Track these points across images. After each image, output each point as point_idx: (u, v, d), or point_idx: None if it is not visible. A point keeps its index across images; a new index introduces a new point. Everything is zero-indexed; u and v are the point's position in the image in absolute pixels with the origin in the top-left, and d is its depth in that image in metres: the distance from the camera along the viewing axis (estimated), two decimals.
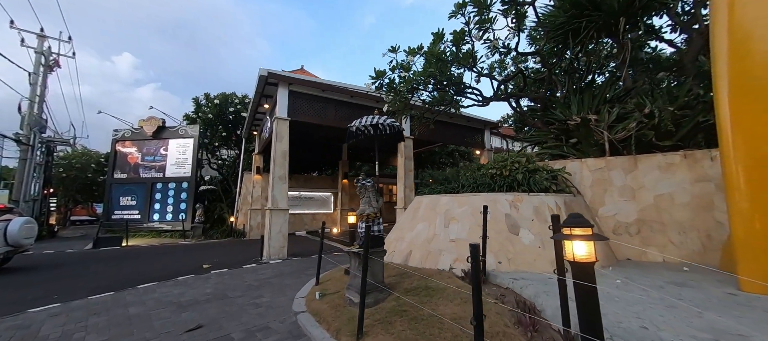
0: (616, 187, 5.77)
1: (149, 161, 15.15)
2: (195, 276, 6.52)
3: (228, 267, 7.37)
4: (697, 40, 5.63)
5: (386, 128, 4.28)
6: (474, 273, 1.94)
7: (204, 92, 16.23)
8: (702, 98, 5.32)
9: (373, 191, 4.15)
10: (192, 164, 14.88)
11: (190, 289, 5.52)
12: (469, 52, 6.74)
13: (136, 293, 5.39)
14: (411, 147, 11.44)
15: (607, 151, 6.01)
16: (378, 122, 4.24)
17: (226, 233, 14.21)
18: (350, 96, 10.02)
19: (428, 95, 7.85)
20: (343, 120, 10.00)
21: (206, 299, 4.92)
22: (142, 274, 7.05)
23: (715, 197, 5.01)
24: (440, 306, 3.46)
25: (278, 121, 8.75)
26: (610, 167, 5.85)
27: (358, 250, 3.95)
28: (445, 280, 4.41)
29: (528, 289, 3.72)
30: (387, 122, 4.24)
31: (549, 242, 4.80)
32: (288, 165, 8.86)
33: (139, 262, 8.62)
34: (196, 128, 15.10)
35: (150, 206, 14.71)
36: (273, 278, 6.16)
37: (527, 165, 5.82)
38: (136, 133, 15.28)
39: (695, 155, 5.21)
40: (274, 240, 8.28)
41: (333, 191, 17.51)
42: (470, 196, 5.44)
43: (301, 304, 4.41)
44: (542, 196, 5.25)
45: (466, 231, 5.07)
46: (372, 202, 4.12)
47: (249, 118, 12.44)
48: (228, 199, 16.01)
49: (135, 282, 6.15)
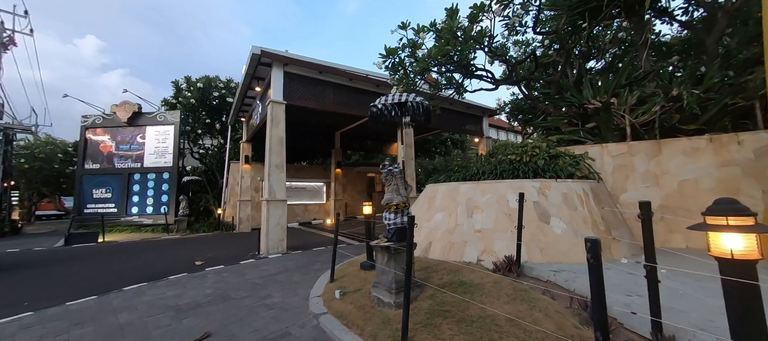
0: (638, 173, 5.60)
1: (125, 150, 13.96)
2: (189, 275, 5.91)
3: (224, 264, 6.78)
4: (722, 21, 5.44)
5: (418, 107, 3.81)
6: (595, 275, 1.56)
7: (185, 76, 15.03)
8: (730, 80, 5.17)
9: (400, 178, 3.71)
10: (173, 153, 13.84)
11: (186, 290, 4.93)
12: (483, 30, 6.32)
13: (123, 296, 4.76)
14: (411, 134, 11.02)
15: (629, 135, 5.82)
16: (407, 100, 3.76)
17: (213, 226, 13.40)
18: (349, 79, 9.41)
19: (438, 77, 7.41)
20: (341, 105, 9.42)
21: (208, 301, 4.38)
22: (126, 274, 6.35)
23: (741, 183, 4.91)
24: (487, 305, 3.11)
25: (273, 104, 8.07)
26: (632, 153, 5.67)
27: (388, 244, 3.53)
28: (476, 274, 4.08)
29: (575, 283, 3.43)
30: (416, 99, 3.78)
31: (583, 232, 4.57)
32: (285, 153, 8.23)
33: (121, 260, 7.84)
34: (177, 114, 13.99)
35: (128, 199, 13.62)
36: (278, 275, 5.66)
37: (548, 150, 5.54)
38: (108, 119, 14.00)
39: (721, 139, 5.08)
40: (273, 233, 7.72)
41: (325, 181, 16.90)
42: (493, 183, 5.10)
43: (320, 304, 3.96)
44: (570, 182, 4.99)
45: (493, 221, 4.75)
46: (400, 190, 3.69)
47: (237, 102, 11.57)
48: (214, 190, 15.10)
49: (120, 283, 5.48)
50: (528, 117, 16.07)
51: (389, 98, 3.78)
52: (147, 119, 14.06)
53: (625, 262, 4.25)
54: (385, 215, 3.73)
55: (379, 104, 3.85)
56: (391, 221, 3.62)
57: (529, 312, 2.85)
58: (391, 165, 3.77)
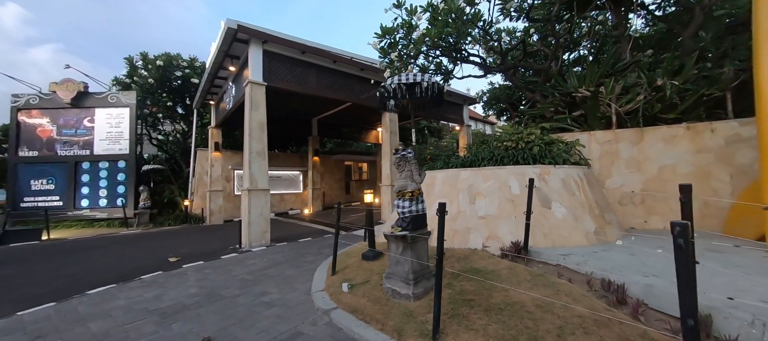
0: (623, 159, 5.90)
1: (69, 136, 12.27)
2: (165, 273, 5.31)
3: (203, 259, 6.20)
4: (698, 16, 5.79)
5: (433, 88, 3.59)
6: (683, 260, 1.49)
7: (141, 52, 13.38)
8: (706, 71, 5.54)
9: (415, 164, 3.51)
10: (130, 139, 12.41)
11: (166, 290, 4.40)
12: (478, 13, 6.20)
13: (90, 301, 4.13)
14: (396, 121, 10.81)
15: (614, 124, 6.10)
16: (421, 81, 3.53)
17: (180, 219, 12.34)
18: (333, 61, 8.91)
19: (424, 62, 7.22)
20: (325, 89, 8.93)
21: (195, 302, 3.93)
22: (86, 275, 5.58)
23: (712, 167, 5.34)
24: (509, 292, 3.06)
25: (252, 86, 7.41)
26: (618, 140, 5.94)
27: (404, 233, 3.34)
28: (486, 260, 4.05)
29: (587, 265, 3.50)
30: (431, 80, 3.56)
31: (581, 216, 4.71)
32: (266, 138, 7.65)
33: (76, 260, 6.89)
34: (133, 95, 12.49)
35: (76, 191, 12.05)
36: (268, 269, 5.27)
37: (543, 138, 5.63)
38: (46, 99, 12.15)
39: (697, 127, 5.46)
40: (255, 225, 7.21)
41: (302, 170, 16.24)
42: (495, 169, 5.09)
43: (326, 299, 3.71)
44: (567, 168, 5.11)
45: (496, 207, 4.74)
46: (415, 176, 3.49)
47: (205, 83, 10.53)
48: (179, 180, 13.86)
49: (82, 287, 4.78)
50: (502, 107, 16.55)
51: (403, 78, 3.52)
52: (96, 100, 12.40)
53: (620, 244, 4.46)
54: (398, 203, 3.52)
55: (391, 84, 3.58)
56: (406, 209, 3.43)
57: (555, 297, 2.84)
58: (404, 150, 3.55)
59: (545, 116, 7.42)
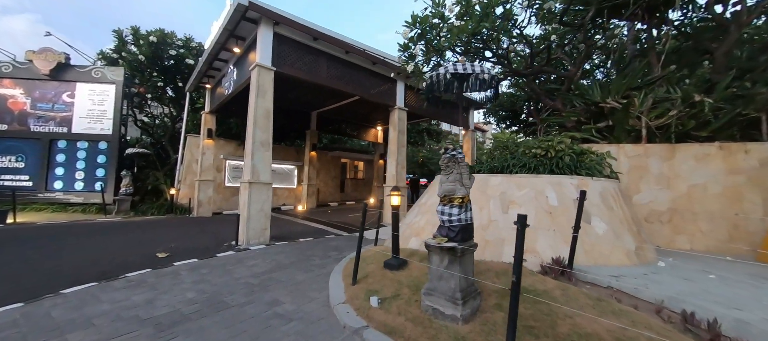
0: (652, 174, 5.68)
1: (45, 110, 11.20)
2: (154, 272, 4.68)
3: (196, 256, 5.58)
4: (733, 33, 5.65)
5: (491, 81, 3.18)
6: None
7: (130, 26, 12.39)
8: (744, 90, 5.38)
9: (466, 166, 3.09)
10: (114, 119, 11.45)
11: (158, 293, 3.80)
12: (509, 11, 5.87)
13: (66, 303, 3.49)
14: (405, 119, 10.39)
15: (644, 137, 5.88)
16: (473, 72, 3.11)
17: (164, 208, 11.47)
18: (345, 52, 8.41)
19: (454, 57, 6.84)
20: (334, 80, 8.41)
21: (196, 311, 3.37)
22: (61, 268, 4.87)
23: (745, 189, 5.17)
24: (575, 320, 2.68)
25: (260, 70, 6.81)
26: (648, 154, 5.73)
27: (452, 245, 2.91)
28: (529, 277, 3.67)
29: (648, 290, 3.17)
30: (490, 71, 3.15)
31: (621, 233, 4.41)
32: (272, 128, 7.06)
33: (47, 249, 6.10)
34: (120, 71, 11.52)
35: (49, 171, 11.00)
36: (274, 272, 4.72)
37: (573, 147, 5.34)
38: (21, 69, 11.04)
39: (730, 147, 5.30)
40: (254, 221, 6.61)
41: (297, 164, 15.57)
42: (529, 177, 4.73)
43: (353, 315, 3.23)
44: (604, 181, 4.82)
45: (532, 218, 4.37)
46: (464, 180, 3.07)
47: (203, 65, 9.77)
48: (165, 167, 12.94)
49: (56, 284, 4.10)
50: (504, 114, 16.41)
51: (459, 68, 3.09)
52: (78, 73, 11.37)
53: (662, 265, 4.18)
54: (443, 210, 3.09)
55: (447, 70, 3.14)
56: (454, 217, 3.00)
57: (632, 327, 2.47)
58: (454, 149, 3.12)
59: (566, 125, 7.17)
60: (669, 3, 5.80)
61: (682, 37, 7.09)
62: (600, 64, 10.69)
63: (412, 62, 6.31)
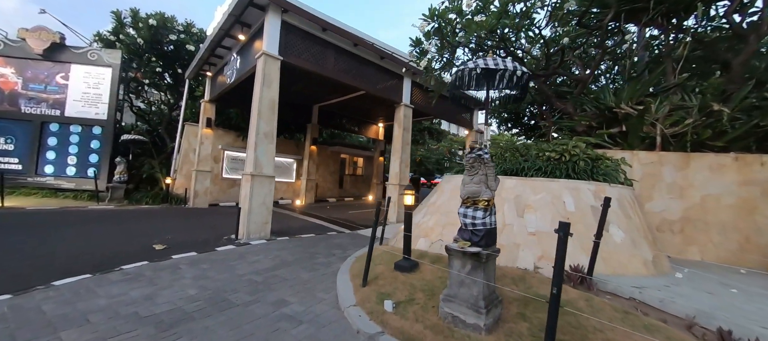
0: (665, 183, 5.59)
1: (37, 91, 10.79)
2: (151, 265, 4.46)
3: (195, 250, 5.36)
4: (752, 43, 5.56)
5: (521, 78, 3.02)
6: None
7: (130, 8, 11.99)
8: (763, 102, 5.30)
9: (492, 167, 2.93)
10: (110, 104, 11.09)
11: (158, 288, 3.60)
12: (529, 9, 5.71)
13: (59, 296, 3.27)
14: (410, 117, 10.21)
15: (659, 145, 5.79)
16: (503, 68, 2.95)
17: (159, 198, 11.16)
18: (354, 45, 8.19)
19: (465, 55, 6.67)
20: (341, 73, 8.20)
21: (199, 309, 3.17)
22: (53, 257, 4.63)
23: (759, 202, 5.09)
24: (607, 334, 2.54)
25: (267, 59, 6.57)
26: (662, 163, 5.63)
27: (476, 250, 2.75)
28: (545, 284, 3.53)
29: (675, 304, 3.05)
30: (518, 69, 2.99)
31: (638, 241, 4.31)
32: (276, 120, 6.83)
33: (38, 236, 5.83)
34: (117, 54, 11.15)
35: (39, 155, 10.63)
36: (277, 269, 4.53)
37: (587, 152, 5.21)
38: (13, 47, 10.62)
39: (746, 158, 5.21)
40: (256, 214, 6.40)
41: (296, 158, 15.33)
42: (545, 181, 4.60)
43: (365, 319, 3.06)
44: (620, 188, 4.70)
45: (548, 223, 4.24)
46: (490, 182, 2.91)
47: (205, 52, 9.46)
48: (161, 155, 12.61)
49: (47, 274, 3.88)
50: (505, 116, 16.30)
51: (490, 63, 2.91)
52: (73, 55, 10.97)
53: (680, 276, 4.08)
54: (466, 212, 2.93)
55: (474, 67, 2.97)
56: (479, 220, 2.84)
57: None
58: (480, 148, 2.96)
59: (576, 129, 7.06)
60: (689, 9, 5.69)
61: (696, 45, 7.00)
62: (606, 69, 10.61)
63: (424, 58, 6.13)
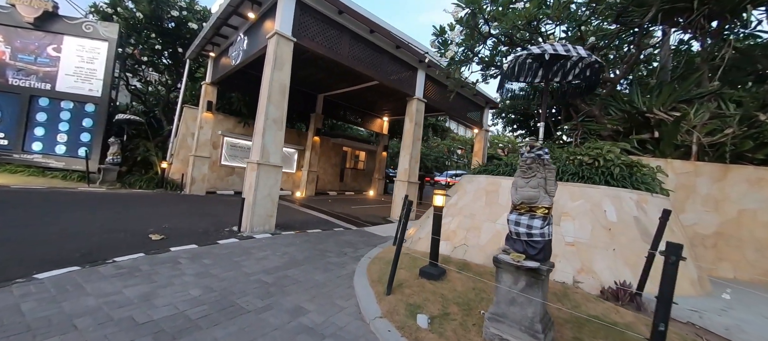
0: (699, 195, 5.29)
1: (26, 62, 10.12)
2: (148, 257, 4.02)
3: (195, 242, 4.92)
4: None
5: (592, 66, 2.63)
6: None
7: None
8: None
9: (552, 170, 2.55)
10: (104, 81, 10.47)
11: (155, 287, 3.17)
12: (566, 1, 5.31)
13: (40, 293, 2.82)
14: (423, 111, 9.79)
15: (694, 154, 5.47)
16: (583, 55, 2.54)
17: (154, 183, 10.62)
18: (370, 31, 7.72)
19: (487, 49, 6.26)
20: (356, 61, 7.74)
21: (204, 314, 2.76)
22: (36, 243, 4.16)
23: None
24: None
25: (279, 39, 6.09)
26: (697, 173, 5.33)
27: (535, 265, 2.38)
28: (594, 303, 3.19)
29: (745, 333, 2.73)
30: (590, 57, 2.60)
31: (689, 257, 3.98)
32: (287, 105, 6.37)
33: (20, 218, 5.34)
34: (115, 28, 10.50)
35: (27, 130, 10.00)
36: (288, 269, 4.12)
37: (621, 157, 4.87)
38: (1, 13, 9.90)
39: None
40: (261, 206, 5.96)
41: (298, 148, 14.83)
42: (584, 187, 4.25)
43: (396, 336, 2.68)
44: (662, 198, 4.37)
45: (588, 233, 3.90)
46: (549, 186, 2.53)
47: (209, 30, 8.89)
48: (157, 138, 12.03)
49: (29, 263, 3.43)
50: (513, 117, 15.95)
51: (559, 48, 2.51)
52: (66, 25, 10.29)
53: (727, 297, 3.78)
54: (519, 220, 2.56)
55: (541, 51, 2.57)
56: (536, 230, 2.47)
57: None
58: (540, 148, 2.57)
59: (601, 134, 6.73)
60: (735, 12, 5.35)
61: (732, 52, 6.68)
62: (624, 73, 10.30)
63: (448, 48, 5.71)
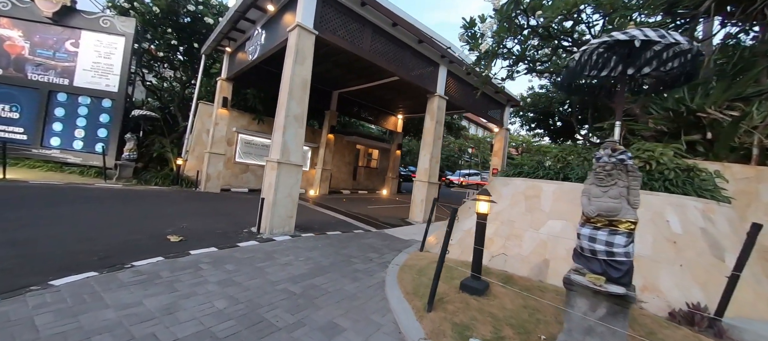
0: (762, 203, 4.78)
1: (45, 57, 10.11)
2: (167, 261, 3.78)
3: (214, 244, 4.68)
4: None
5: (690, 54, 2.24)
6: None
7: None
8: None
9: (638, 178, 2.17)
10: (121, 76, 10.40)
11: (178, 297, 2.91)
12: None
13: (55, 302, 2.59)
14: (444, 109, 9.41)
15: (755, 158, 4.97)
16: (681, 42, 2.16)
17: (170, 179, 10.53)
18: (392, 24, 7.38)
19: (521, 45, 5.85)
20: (377, 55, 7.42)
21: (231, 332, 2.49)
22: (50, 244, 3.97)
23: None
24: None
25: (301, 32, 5.80)
26: (759, 179, 4.82)
27: (621, 291, 2.01)
28: (670, 330, 2.80)
29: None
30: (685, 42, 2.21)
31: (759, 275, 3.54)
32: (308, 101, 6.09)
33: (37, 216, 5.20)
34: (132, 23, 10.41)
35: (45, 125, 10.01)
36: (315, 277, 3.83)
37: (676, 160, 4.42)
38: (21, 8, 9.90)
39: None
40: (281, 207, 5.70)
41: (312, 146, 14.61)
42: (642, 194, 3.81)
43: None
44: (727, 208, 3.93)
45: (649, 245, 3.50)
46: (632, 196, 2.16)
47: (226, 25, 8.68)
48: (173, 134, 11.95)
49: (43, 267, 3.22)
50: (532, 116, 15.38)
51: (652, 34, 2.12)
52: (84, 20, 10.25)
53: None
54: (595, 235, 2.20)
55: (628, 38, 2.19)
56: (619, 249, 2.10)
57: None
58: (623, 151, 2.20)
59: (643, 134, 6.24)
60: None
61: None
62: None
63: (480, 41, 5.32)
